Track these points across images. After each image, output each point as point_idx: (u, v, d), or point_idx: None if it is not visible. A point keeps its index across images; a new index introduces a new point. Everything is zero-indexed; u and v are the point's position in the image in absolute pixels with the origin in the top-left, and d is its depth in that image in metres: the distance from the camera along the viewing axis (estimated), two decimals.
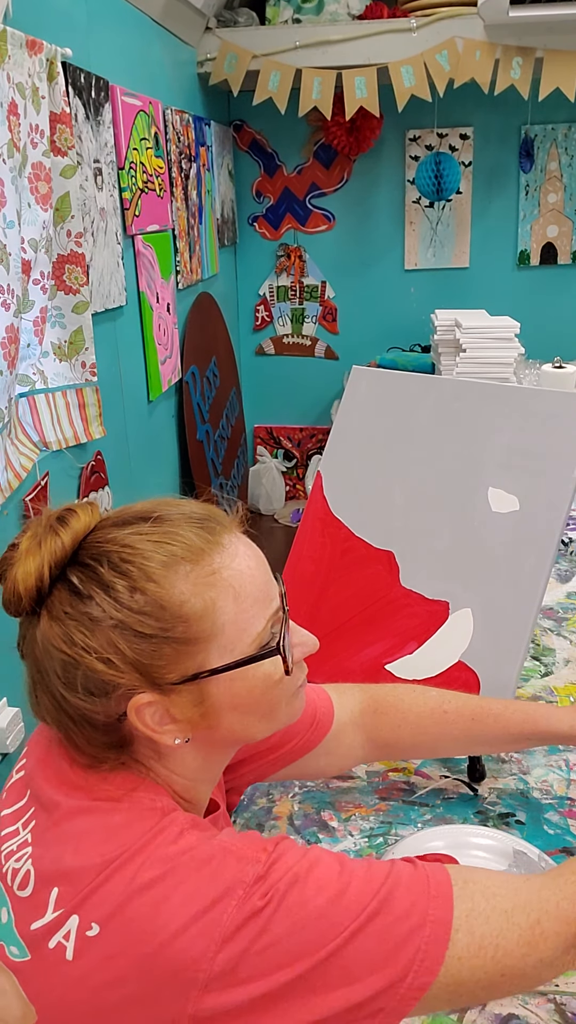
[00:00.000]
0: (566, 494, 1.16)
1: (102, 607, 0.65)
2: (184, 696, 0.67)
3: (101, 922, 0.60)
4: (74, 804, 0.67)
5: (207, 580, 0.67)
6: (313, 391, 4.30)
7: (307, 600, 1.36)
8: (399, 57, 3.17)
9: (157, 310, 2.78)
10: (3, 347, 1.57)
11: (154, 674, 0.66)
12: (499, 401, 1.26)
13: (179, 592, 0.66)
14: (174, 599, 0.65)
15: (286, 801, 1.13)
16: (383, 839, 1.06)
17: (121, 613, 0.65)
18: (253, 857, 0.63)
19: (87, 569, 0.66)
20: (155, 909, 0.60)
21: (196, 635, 0.66)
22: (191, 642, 0.66)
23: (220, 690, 0.68)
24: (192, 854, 0.63)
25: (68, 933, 0.61)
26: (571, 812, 1.09)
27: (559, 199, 3.89)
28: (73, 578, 0.66)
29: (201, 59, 3.33)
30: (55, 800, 0.68)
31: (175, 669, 0.66)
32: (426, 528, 1.28)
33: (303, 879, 0.62)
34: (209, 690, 0.68)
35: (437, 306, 3.29)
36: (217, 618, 0.67)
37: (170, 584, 0.66)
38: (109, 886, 0.61)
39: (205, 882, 0.61)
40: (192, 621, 0.66)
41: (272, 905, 0.60)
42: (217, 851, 0.63)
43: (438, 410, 1.32)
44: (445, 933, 0.63)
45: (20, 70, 1.62)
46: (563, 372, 2.52)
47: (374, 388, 1.41)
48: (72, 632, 0.65)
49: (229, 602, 0.67)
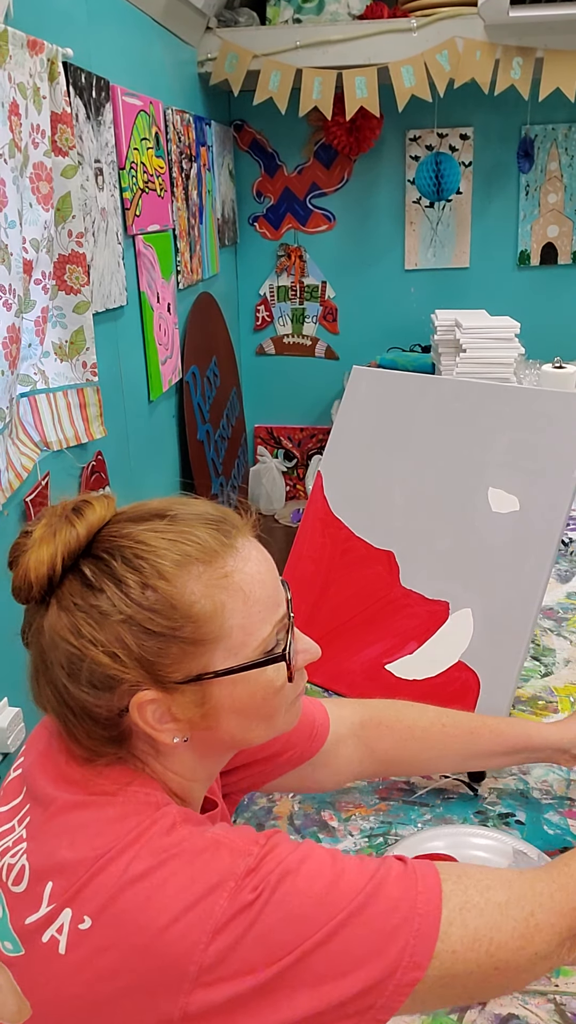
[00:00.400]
0: (566, 494, 1.16)
1: (112, 601, 0.65)
2: (187, 696, 0.68)
3: (93, 915, 0.61)
4: (69, 798, 0.68)
5: (219, 582, 0.67)
6: (313, 391, 4.30)
7: (307, 600, 1.36)
8: (399, 57, 3.17)
9: (158, 310, 2.78)
10: (4, 347, 1.58)
11: (159, 672, 0.66)
12: (499, 401, 1.26)
13: (190, 592, 0.66)
14: (185, 599, 0.66)
15: (286, 801, 1.13)
16: (383, 839, 1.06)
17: (131, 608, 0.65)
18: (245, 850, 0.63)
19: (100, 562, 0.66)
20: (147, 901, 0.60)
21: (204, 636, 0.66)
22: (198, 643, 0.66)
23: (222, 692, 0.69)
24: (184, 846, 0.63)
25: (61, 927, 0.61)
26: (571, 812, 1.10)
27: (559, 199, 3.89)
28: (86, 570, 0.66)
29: (202, 59, 3.33)
30: (51, 795, 0.69)
31: (180, 668, 0.66)
32: (426, 528, 1.28)
33: (294, 872, 0.63)
34: (212, 691, 0.68)
35: (437, 306, 3.29)
36: (226, 621, 0.67)
37: (182, 584, 0.66)
38: (101, 878, 0.62)
39: (197, 874, 0.62)
40: (201, 622, 0.66)
41: (263, 898, 0.61)
42: (210, 844, 0.64)
43: (438, 410, 1.32)
44: (434, 927, 0.63)
45: (21, 70, 1.62)
46: (563, 372, 2.52)
47: (374, 388, 1.41)
48: (80, 624, 0.65)
49: (239, 606, 0.68)
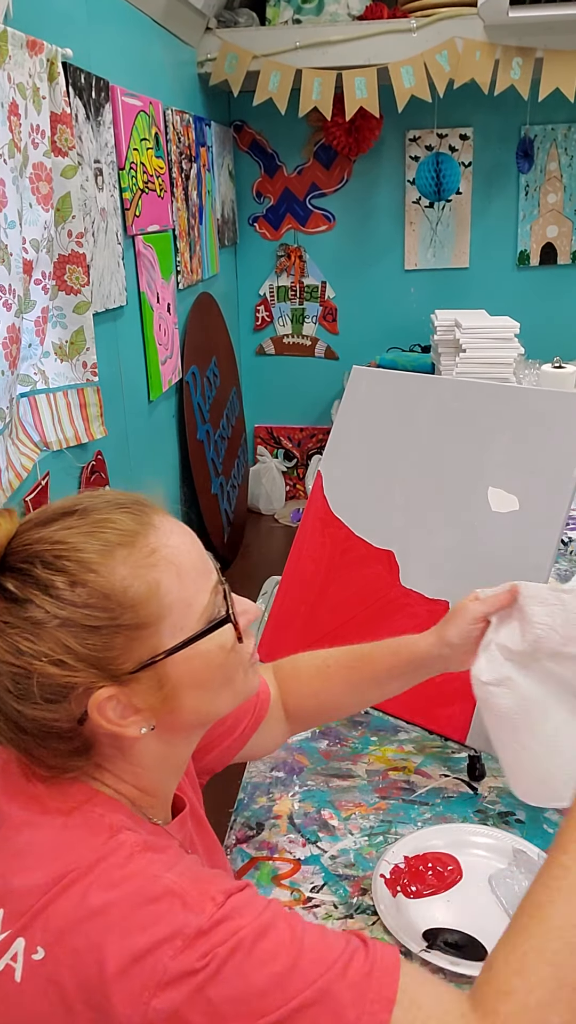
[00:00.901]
0: (566, 494, 1.16)
1: (44, 608, 0.63)
2: (143, 683, 0.66)
3: (46, 947, 0.59)
4: (24, 817, 0.66)
5: (147, 561, 0.65)
6: (313, 391, 4.30)
7: (307, 600, 1.36)
8: (399, 57, 3.17)
9: (157, 310, 2.78)
10: (5, 347, 1.58)
11: (110, 666, 0.64)
12: (499, 401, 1.26)
13: (121, 578, 0.64)
14: (117, 586, 0.64)
15: (286, 800, 1.14)
16: (383, 837, 1.06)
17: (65, 610, 0.63)
18: (198, 907, 0.60)
19: (19, 573, 0.64)
20: (98, 943, 0.59)
21: (145, 619, 0.65)
22: (141, 627, 0.65)
23: (178, 670, 0.67)
24: (138, 887, 0.61)
25: (16, 955, 0.60)
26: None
27: (559, 199, 3.90)
28: (7, 585, 0.64)
29: (201, 59, 3.33)
30: (6, 812, 0.67)
31: (130, 657, 0.65)
32: (426, 528, 1.28)
33: (247, 949, 0.59)
34: (167, 672, 0.67)
35: (437, 306, 3.29)
36: (163, 598, 0.66)
37: (110, 571, 0.64)
38: (54, 909, 0.60)
39: (147, 922, 0.59)
40: (139, 606, 0.64)
41: (210, 968, 0.58)
42: (163, 892, 0.61)
43: (438, 410, 1.32)
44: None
45: (21, 70, 1.62)
46: (563, 372, 2.52)
47: (374, 388, 1.41)
48: (18, 642, 0.63)
49: (172, 580, 0.66)
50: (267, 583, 1.71)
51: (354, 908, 0.96)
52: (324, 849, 1.05)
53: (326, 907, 0.96)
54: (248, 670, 0.75)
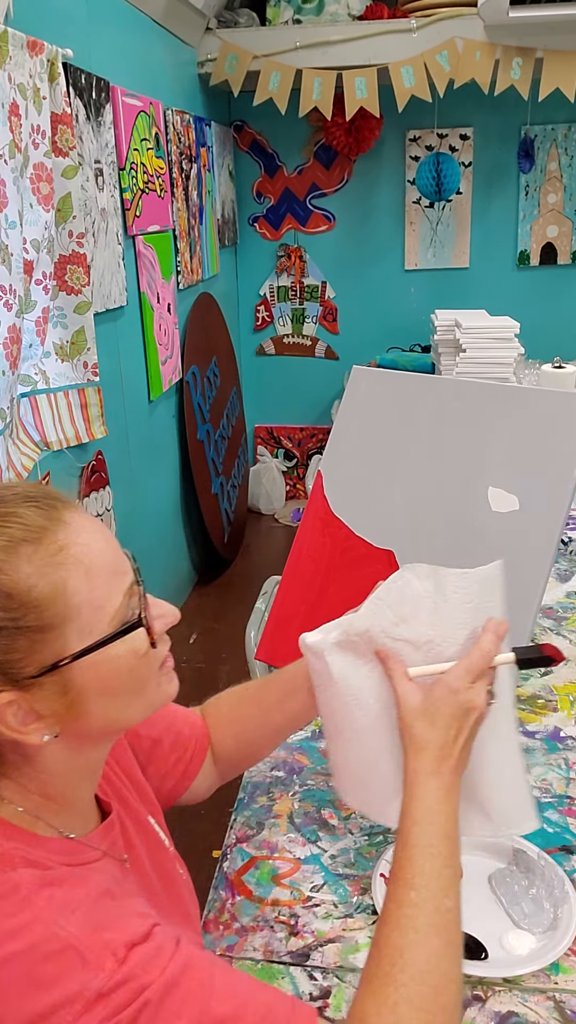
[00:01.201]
0: (566, 494, 1.16)
1: None
2: (46, 689, 0.62)
3: None
4: None
5: (54, 559, 0.61)
6: (313, 391, 4.30)
7: (307, 600, 1.36)
8: (399, 57, 3.17)
9: (158, 310, 2.78)
10: (5, 347, 1.58)
11: (10, 670, 0.60)
12: (499, 401, 1.26)
13: (25, 576, 0.60)
14: (20, 585, 0.59)
15: (286, 800, 1.14)
16: (383, 837, 1.06)
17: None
18: (97, 964, 0.56)
19: None
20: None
21: (50, 621, 0.61)
22: (46, 629, 0.61)
23: (85, 676, 0.63)
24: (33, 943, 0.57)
25: None
26: (570, 811, 1.10)
27: (559, 199, 3.90)
28: None
29: (202, 60, 3.34)
30: None
31: (32, 661, 0.61)
32: (426, 528, 1.28)
33: (153, 1008, 0.56)
34: (73, 677, 0.63)
35: (437, 306, 3.30)
36: (70, 599, 0.61)
37: (13, 569, 0.60)
38: None
39: (45, 984, 0.56)
40: (44, 606, 0.60)
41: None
42: (61, 948, 0.57)
43: (438, 410, 1.32)
44: None
45: (21, 71, 1.62)
46: (563, 372, 2.52)
47: (374, 388, 1.41)
48: None
49: (81, 580, 0.62)
50: (267, 583, 1.72)
51: (354, 908, 0.96)
52: (324, 848, 1.05)
53: (326, 907, 0.96)
54: (162, 677, 0.71)
